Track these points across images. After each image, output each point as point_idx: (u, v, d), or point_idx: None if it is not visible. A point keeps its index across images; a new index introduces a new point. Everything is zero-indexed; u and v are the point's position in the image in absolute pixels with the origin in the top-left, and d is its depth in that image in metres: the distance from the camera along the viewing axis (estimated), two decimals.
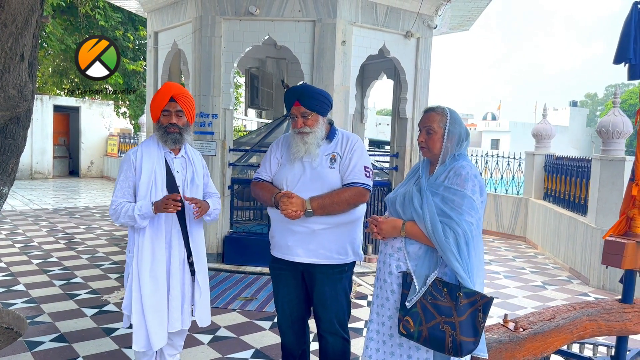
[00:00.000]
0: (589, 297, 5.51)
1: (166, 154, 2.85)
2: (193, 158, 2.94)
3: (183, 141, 2.85)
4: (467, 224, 2.26)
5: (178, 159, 2.88)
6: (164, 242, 2.76)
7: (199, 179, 2.92)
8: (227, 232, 6.20)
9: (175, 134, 2.79)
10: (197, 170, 2.91)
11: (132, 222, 2.70)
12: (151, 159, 2.79)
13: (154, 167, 2.78)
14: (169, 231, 2.78)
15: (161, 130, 2.80)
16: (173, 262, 2.77)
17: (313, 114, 2.75)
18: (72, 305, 4.70)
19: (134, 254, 2.76)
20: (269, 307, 4.70)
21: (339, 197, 2.70)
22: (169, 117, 2.78)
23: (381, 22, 6.07)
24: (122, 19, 16.09)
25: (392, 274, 2.42)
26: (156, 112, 2.82)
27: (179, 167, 2.87)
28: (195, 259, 2.85)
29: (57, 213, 9.87)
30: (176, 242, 2.79)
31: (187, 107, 2.82)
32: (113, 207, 2.75)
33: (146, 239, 2.73)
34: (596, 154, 6.06)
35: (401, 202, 2.44)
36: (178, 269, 2.78)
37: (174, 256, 2.77)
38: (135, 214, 2.67)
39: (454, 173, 2.35)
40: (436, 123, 2.42)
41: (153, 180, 2.76)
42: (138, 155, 2.79)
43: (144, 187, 2.74)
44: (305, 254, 2.77)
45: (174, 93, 2.78)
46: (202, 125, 6.01)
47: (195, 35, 5.98)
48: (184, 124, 2.83)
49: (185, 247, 2.84)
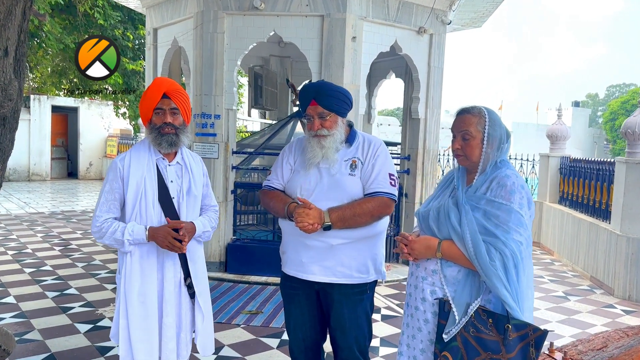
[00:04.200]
0: (616, 309, 5.18)
1: (158, 161, 2.46)
2: (191, 164, 2.54)
3: (180, 143, 2.46)
4: (515, 244, 1.94)
5: (173, 166, 2.49)
6: (155, 262, 2.38)
7: (197, 189, 2.53)
8: (230, 239, 5.87)
9: (171, 135, 2.40)
10: (194, 178, 2.52)
11: (118, 246, 2.34)
12: (140, 167, 2.40)
13: (144, 176, 2.39)
14: (162, 250, 2.38)
15: (154, 132, 2.41)
16: (167, 286, 2.39)
17: (331, 115, 2.43)
18: (65, 320, 4.37)
19: (122, 275, 2.40)
20: (276, 321, 4.38)
21: (361, 209, 2.38)
22: (163, 116, 2.40)
23: (393, 17, 5.74)
24: (122, 17, 15.77)
25: (425, 300, 2.09)
26: (147, 112, 2.43)
27: (173, 176, 2.47)
28: (194, 280, 2.47)
29: (54, 217, 9.55)
30: (170, 262, 2.41)
31: (182, 104, 2.44)
32: (97, 225, 2.36)
33: (135, 258, 2.36)
34: (621, 157, 5.73)
35: (435, 217, 2.11)
36: (173, 294, 2.41)
37: (167, 279, 2.39)
38: (125, 239, 2.30)
39: (498, 184, 2.02)
40: (473, 126, 2.09)
41: (142, 191, 2.37)
42: (126, 163, 2.41)
43: (131, 199, 2.37)
44: (321, 271, 2.45)
45: (166, 89, 2.40)
46: (204, 126, 5.68)
47: (197, 32, 5.65)
48: (180, 123, 2.44)
49: (182, 267, 2.45)
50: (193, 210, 2.50)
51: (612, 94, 74.75)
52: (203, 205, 2.64)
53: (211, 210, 2.67)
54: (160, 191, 2.42)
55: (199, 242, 2.56)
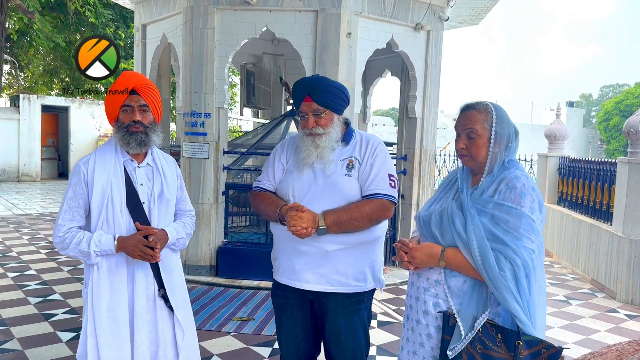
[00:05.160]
0: (619, 314, 5.03)
1: (126, 162, 2.25)
2: (162, 166, 2.33)
3: (150, 143, 2.25)
4: (527, 252, 1.77)
5: (142, 167, 2.28)
6: (125, 274, 2.17)
7: (170, 193, 2.31)
8: (222, 243, 5.68)
9: (140, 133, 2.20)
10: (167, 181, 2.30)
11: (84, 258, 2.14)
12: (106, 170, 2.19)
13: (110, 180, 2.18)
14: (131, 260, 2.17)
15: (122, 131, 2.20)
16: (137, 300, 2.17)
17: (327, 112, 2.26)
18: (47, 328, 4.17)
19: (89, 289, 2.18)
20: (268, 329, 4.20)
21: (358, 212, 2.21)
22: (131, 114, 2.20)
23: (389, 12, 5.57)
24: (113, 16, 15.56)
25: (428, 313, 1.92)
26: (113, 110, 2.22)
27: (143, 179, 2.26)
28: (169, 292, 2.24)
29: (42, 219, 9.31)
30: (141, 273, 2.20)
31: (152, 100, 2.24)
32: (60, 235, 2.14)
33: (102, 271, 2.15)
34: (623, 157, 5.58)
35: (438, 222, 1.94)
36: (145, 308, 2.19)
37: (138, 292, 2.18)
38: (91, 250, 2.10)
39: (506, 186, 1.86)
40: (479, 124, 1.92)
41: (109, 196, 2.16)
42: (90, 166, 2.19)
43: (96, 206, 2.16)
44: (315, 280, 2.28)
45: (135, 84, 2.19)
46: (194, 125, 5.49)
47: (186, 27, 5.46)
48: (150, 121, 2.24)
49: (156, 277, 2.24)
50: (166, 216, 2.30)
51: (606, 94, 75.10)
52: (177, 210, 2.44)
53: (186, 215, 2.47)
54: (129, 196, 2.21)
55: (174, 251, 2.37)
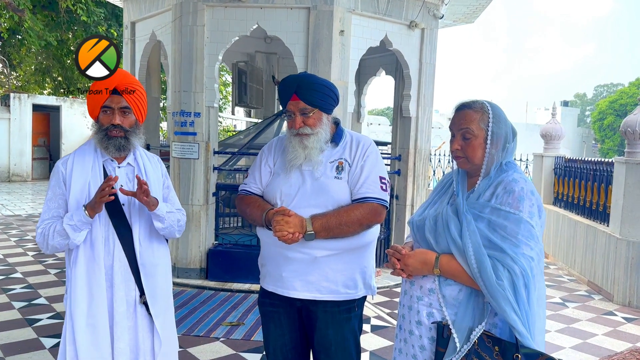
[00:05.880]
0: (617, 317, 4.95)
1: (106, 163, 2.17)
2: (145, 165, 2.23)
3: (130, 147, 2.17)
4: (525, 259, 1.67)
5: (123, 168, 2.19)
6: (103, 279, 2.07)
7: (153, 193, 2.19)
8: (212, 245, 5.56)
9: (119, 138, 2.10)
10: (150, 181, 2.19)
11: (64, 239, 2.03)
12: (84, 170, 2.11)
13: (88, 181, 2.10)
14: (110, 265, 2.09)
15: (100, 134, 2.11)
16: (117, 307, 2.08)
17: (315, 111, 2.14)
18: (30, 334, 4.04)
19: (68, 295, 2.10)
20: (258, 334, 4.08)
21: (348, 216, 2.10)
22: (111, 116, 2.10)
23: (383, 10, 5.46)
24: (106, 14, 15.37)
25: (421, 324, 1.82)
26: (94, 109, 2.13)
27: (123, 180, 2.16)
28: (150, 299, 2.14)
29: (30, 220, 9.16)
30: (120, 278, 2.10)
31: (136, 102, 2.14)
32: (39, 231, 2.08)
33: (80, 275, 2.06)
34: (620, 157, 5.49)
35: (432, 227, 1.83)
36: (124, 315, 2.09)
37: (118, 298, 2.08)
38: (65, 225, 2.00)
39: (504, 189, 1.75)
40: (475, 124, 1.81)
41: (87, 197, 2.08)
42: (68, 166, 2.12)
43: (73, 207, 2.07)
44: (304, 287, 2.17)
45: (117, 83, 2.09)
46: (183, 125, 5.37)
47: (175, 25, 5.34)
48: (131, 124, 2.14)
49: (137, 282, 2.14)
50: (148, 218, 2.19)
51: (600, 94, 75.41)
52: None
53: (178, 213, 2.34)
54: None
55: (163, 248, 2.25)
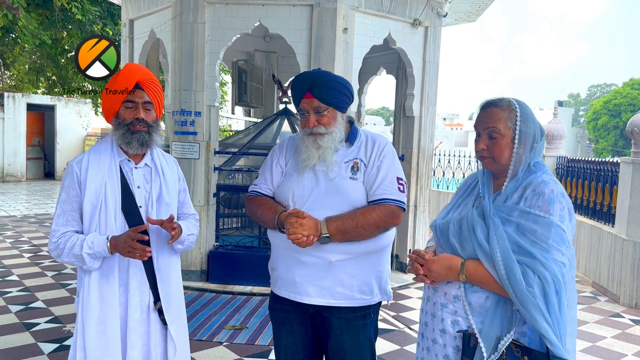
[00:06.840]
0: (624, 319, 4.89)
1: (123, 163, 2.08)
2: (162, 167, 2.15)
3: (152, 144, 2.08)
4: (557, 265, 1.59)
5: (140, 168, 2.10)
6: (117, 283, 1.99)
7: (170, 196, 2.13)
8: (213, 246, 5.46)
9: (143, 133, 2.03)
10: (167, 183, 2.12)
11: (79, 263, 1.96)
12: (100, 170, 2.02)
13: (104, 182, 2.00)
14: (125, 269, 2.00)
15: (123, 129, 2.02)
16: (131, 313, 2.00)
17: (330, 109, 2.06)
18: (28, 338, 3.94)
19: (80, 299, 2.01)
20: (262, 338, 3.99)
21: (364, 219, 2.01)
22: (135, 111, 2.02)
23: (387, 8, 5.38)
24: (101, 13, 15.23)
25: (445, 332, 1.73)
26: (114, 104, 2.04)
27: (140, 181, 2.08)
28: (165, 305, 2.06)
29: (26, 220, 9.03)
30: (136, 283, 2.02)
31: (156, 97, 2.07)
32: (54, 241, 1.98)
33: (93, 278, 1.97)
34: (626, 157, 5.43)
35: (456, 231, 1.75)
36: (139, 321, 2.01)
37: (133, 304, 2.00)
38: (84, 252, 1.91)
39: (533, 191, 1.67)
40: (502, 123, 1.73)
41: (102, 199, 1.98)
42: (83, 166, 2.02)
43: (88, 209, 1.98)
44: (318, 293, 2.08)
45: (140, 78, 2.02)
46: (184, 124, 5.27)
47: (175, 22, 5.23)
48: (153, 120, 2.07)
49: (152, 289, 2.06)
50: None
51: (594, 94, 75.75)
52: (180, 215, 2.26)
53: (191, 218, 2.29)
54: (125, 199, 2.02)
55: (175, 254, 2.18)
